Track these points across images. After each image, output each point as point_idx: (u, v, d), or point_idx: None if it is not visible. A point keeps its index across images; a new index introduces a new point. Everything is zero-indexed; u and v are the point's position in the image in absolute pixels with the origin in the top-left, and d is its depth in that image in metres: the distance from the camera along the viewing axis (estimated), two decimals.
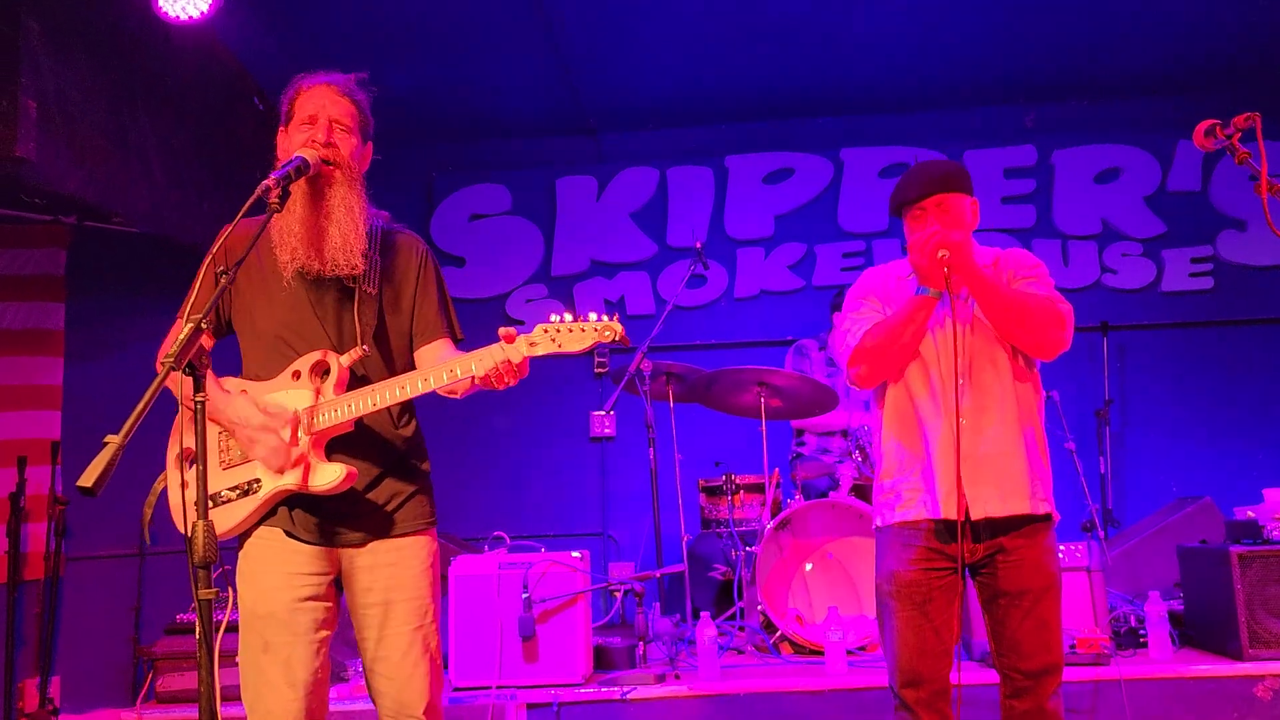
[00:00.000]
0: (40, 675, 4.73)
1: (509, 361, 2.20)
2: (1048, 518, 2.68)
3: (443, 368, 2.26)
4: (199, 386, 1.87)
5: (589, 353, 2.24)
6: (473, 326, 2.60)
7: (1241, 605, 3.76)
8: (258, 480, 2.27)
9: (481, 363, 2.21)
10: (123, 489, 2.22)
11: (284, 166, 2.20)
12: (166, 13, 4.00)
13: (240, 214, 2.11)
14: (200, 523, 1.83)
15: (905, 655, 2.64)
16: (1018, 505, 2.61)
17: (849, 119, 6.39)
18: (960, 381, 2.62)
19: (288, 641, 2.25)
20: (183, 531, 2.15)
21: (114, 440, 1.71)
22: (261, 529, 2.31)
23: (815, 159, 6.36)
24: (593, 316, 2.22)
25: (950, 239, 2.57)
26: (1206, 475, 5.87)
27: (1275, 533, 3.86)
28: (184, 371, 1.84)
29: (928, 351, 2.72)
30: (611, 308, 6.24)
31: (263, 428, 2.22)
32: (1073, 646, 3.75)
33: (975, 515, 2.58)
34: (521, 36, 5.32)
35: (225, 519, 2.28)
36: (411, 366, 2.44)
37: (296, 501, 2.30)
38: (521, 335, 2.21)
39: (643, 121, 6.40)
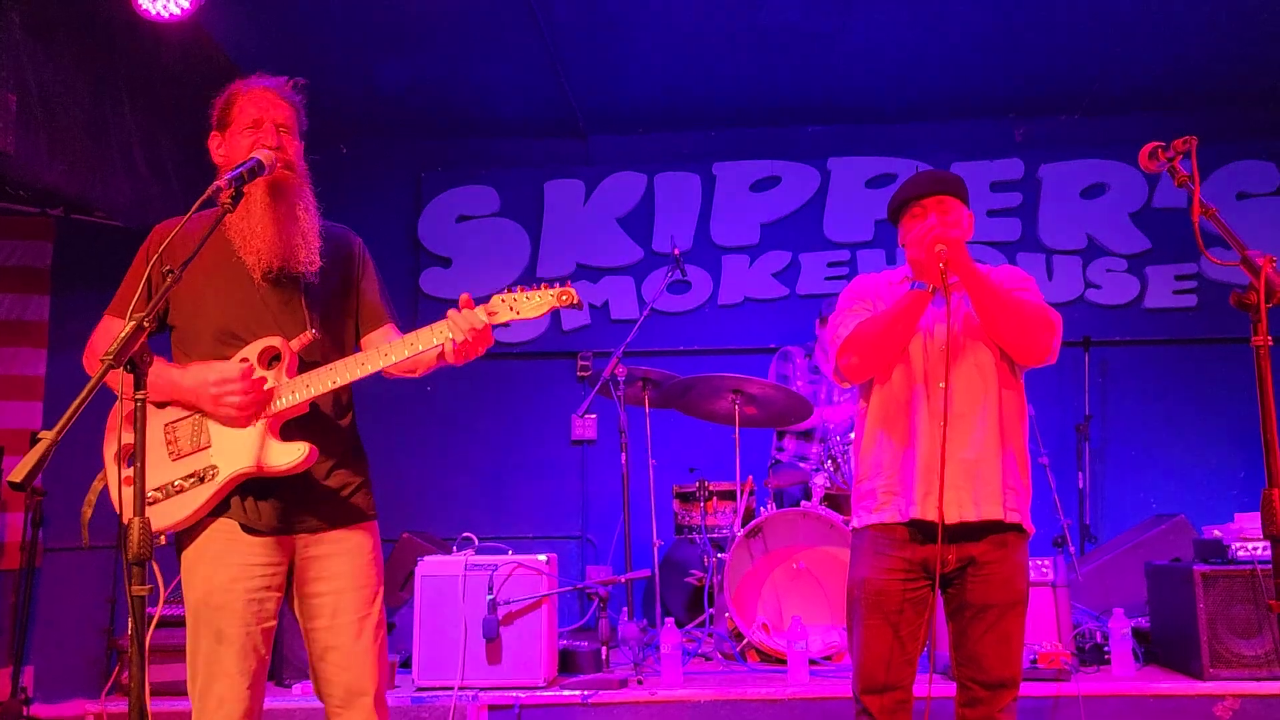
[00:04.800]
0: (14, 665, 4.75)
1: (475, 328, 2.24)
2: (1020, 530, 2.67)
3: (403, 341, 2.31)
4: (140, 384, 1.89)
5: (547, 316, 2.28)
6: None
7: (1204, 624, 3.77)
8: (214, 466, 2.28)
9: (445, 332, 2.26)
10: None
11: (238, 167, 2.21)
12: (147, 10, 4.00)
13: (190, 212, 2.15)
14: (136, 519, 1.84)
15: (870, 662, 2.66)
16: (990, 510, 2.62)
17: (837, 128, 6.40)
18: (942, 385, 2.62)
19: (241, 632, 2.28)
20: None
21: (48, 436, 1.73)
22: (216, 522, 2.32)
23: (802, 167, 6.35)
24: (545, 285, 2.27)
25: (948, 235, 2.60)
26: (1185, 493, 5.89)
27: (1240, 553, 3.86)
28: (125, 369, 1.86)
29: (915, 353, 2.72)
30: (596, 311, 6.24)
31: (221, 381, 2.25)
32: (1034, 661, 3.76)
33: (950, 519, 2.58)
34: (513, 36, 5.33)
35: (179, 508, 2.28)
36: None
37: (251, 490, 2.31)
38: (479, 305, 2.27)
39: (632, 125, 6.41)
